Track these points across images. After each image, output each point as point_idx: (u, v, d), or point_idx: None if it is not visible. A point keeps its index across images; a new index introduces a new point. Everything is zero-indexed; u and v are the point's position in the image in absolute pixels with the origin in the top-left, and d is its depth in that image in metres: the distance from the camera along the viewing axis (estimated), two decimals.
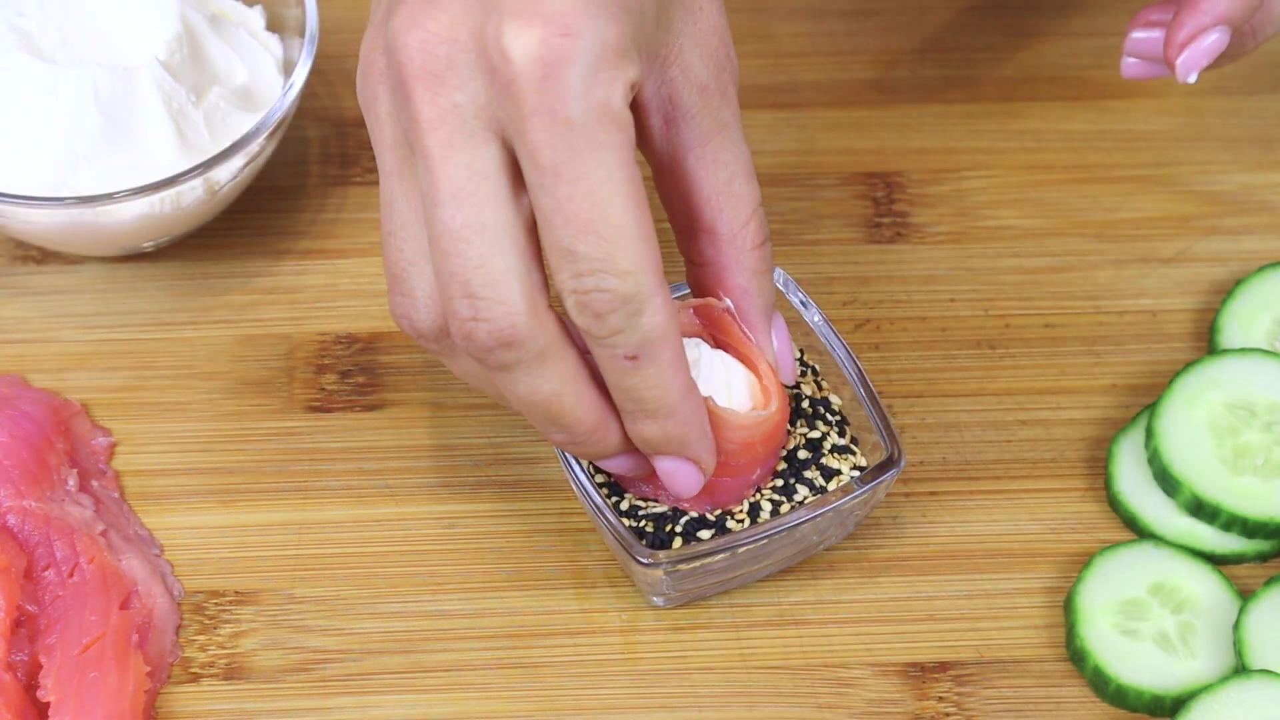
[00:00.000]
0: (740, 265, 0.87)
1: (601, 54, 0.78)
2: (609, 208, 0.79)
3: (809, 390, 0.93)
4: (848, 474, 0.91)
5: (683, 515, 0.90)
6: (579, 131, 0.78)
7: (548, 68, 0.78)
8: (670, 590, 0.91)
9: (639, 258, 0.79)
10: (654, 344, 0.81)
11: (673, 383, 0.83)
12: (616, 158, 0.79)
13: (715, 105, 0.85)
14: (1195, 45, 0.92)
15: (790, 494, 0.90)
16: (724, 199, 0.86)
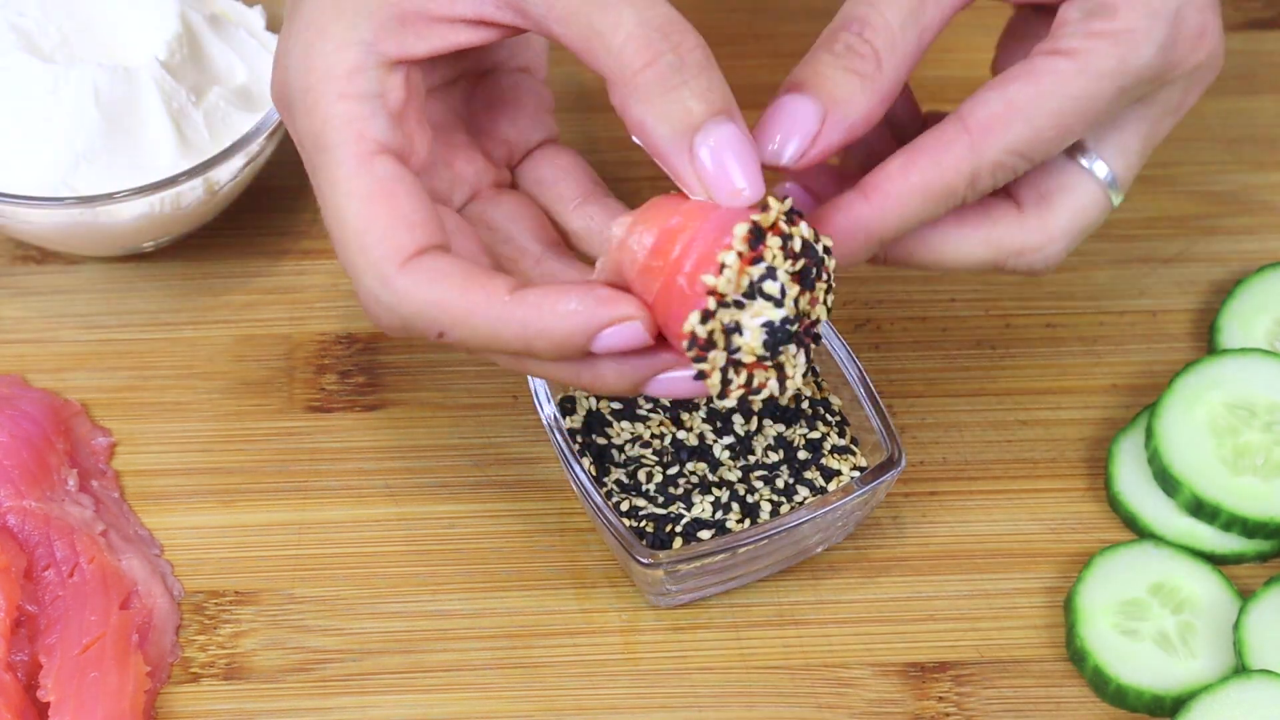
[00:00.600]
0: (630, 99, 0.79)
1: (307, 67, 0.81)
2: (337, 208, 0.80)
3: (809, 391, 0.93)
4: (848, 474, 0.91)
5: (683, 516, 0.90)
6: (307, 144, 0.82)
7: (280, 98, 0.83)
8: (670, 590, 0.91)
9: (372, 251, 0.80)
10: (436, 318, 0.79)
11: (484, 325, 0.78)
12: (336, 157, 0.80)
13: None
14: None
15: (790, 494, 0.90)
16: (595, 40, 0.79)
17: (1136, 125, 0.88)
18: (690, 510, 0.90)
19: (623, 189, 1.06)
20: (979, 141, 0.83)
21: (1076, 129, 0.84)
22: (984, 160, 0.83)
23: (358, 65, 0.81)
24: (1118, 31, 0.83)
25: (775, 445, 0.92)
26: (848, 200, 0.83)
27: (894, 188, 0.83)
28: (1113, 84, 0.84)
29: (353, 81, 0.81)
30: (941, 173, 0.83)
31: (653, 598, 0.92)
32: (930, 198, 0.83)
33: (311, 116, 0.81)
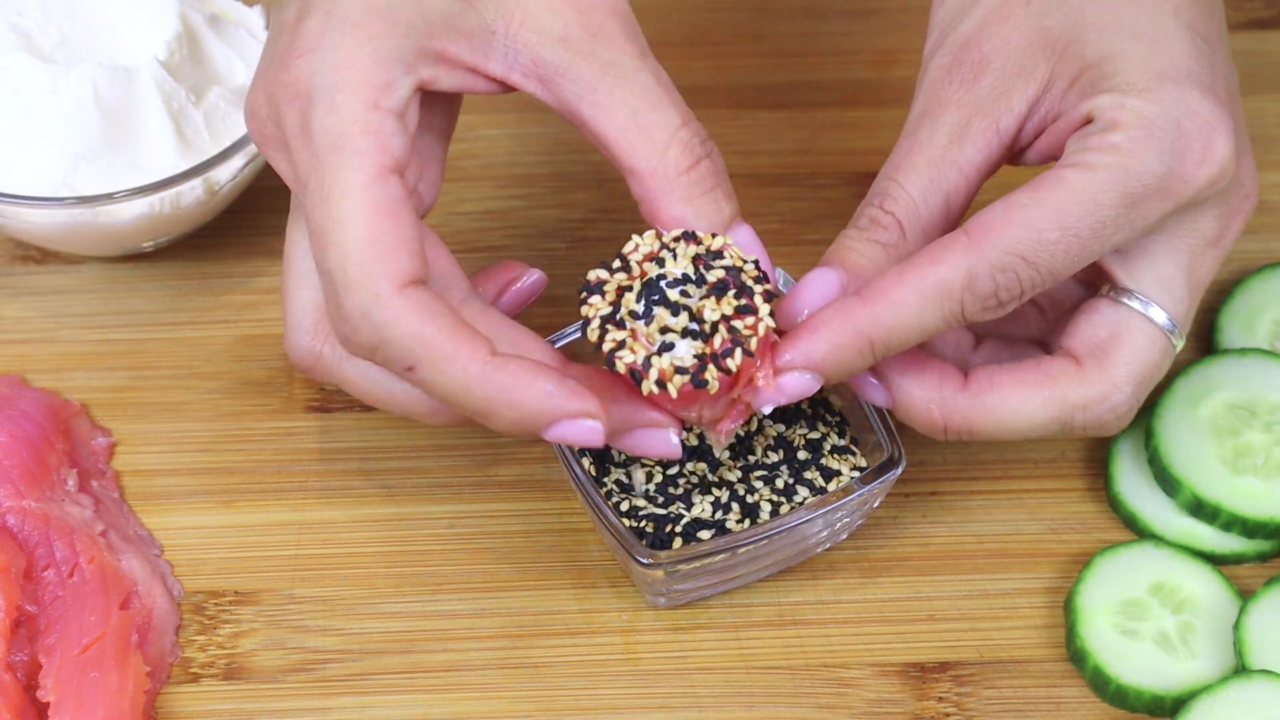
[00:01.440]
0: (670, 197, 0.84)
1: (338, 65, 0.80)
2: (339, 213, 0.80)
3: None
4: (847, 474, 0.91)
5: (683, 516, 0.90)
6: (321, 142, 0.80)
7: (294, 89, 0.81)
8: (670, 590, 0.91)
9: (370, 266, 0.79)
10: (414, 351, 0.80)
11: (457, 380, 0.80)
12: (353, 162, 0.80)
13: (588, 50, 0.83)
14: (782, 380, 0.84)
15: (790, 494, 0.90)
16: (632, 135, 0.83)
17: (1172, 257, 0.87)
18: (690, 510, 0.90)
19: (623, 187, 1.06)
20: (977, 240, 0.83)
21: (1083, 235, 0.83)
22: (981, 259, 0.82)
23: (393, 81, 0.81)
24: (1119, 142, 0.83)
25: (775, 445, 0.92)
26: (843, 302, 0.83)
27: (888, 286, 0.83)
28: (1115, 188, 0.83)
29: (387, 95, 0.81)
30: (936, 270, 0.82)
31: (653, 598, 0.92)
32: (925, 297, 0.82)
33: (336, 115, 0.80)
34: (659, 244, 0.84)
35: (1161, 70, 0.84)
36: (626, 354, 0.83)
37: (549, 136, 1.07)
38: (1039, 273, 0.83)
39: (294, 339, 0.86)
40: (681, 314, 0.83)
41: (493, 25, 0.83)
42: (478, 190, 1.06)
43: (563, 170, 1.06)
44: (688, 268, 0.83)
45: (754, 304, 0.83)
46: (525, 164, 1.06)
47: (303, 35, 0.82)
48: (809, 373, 0.83)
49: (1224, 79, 0.86)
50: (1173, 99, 0.84)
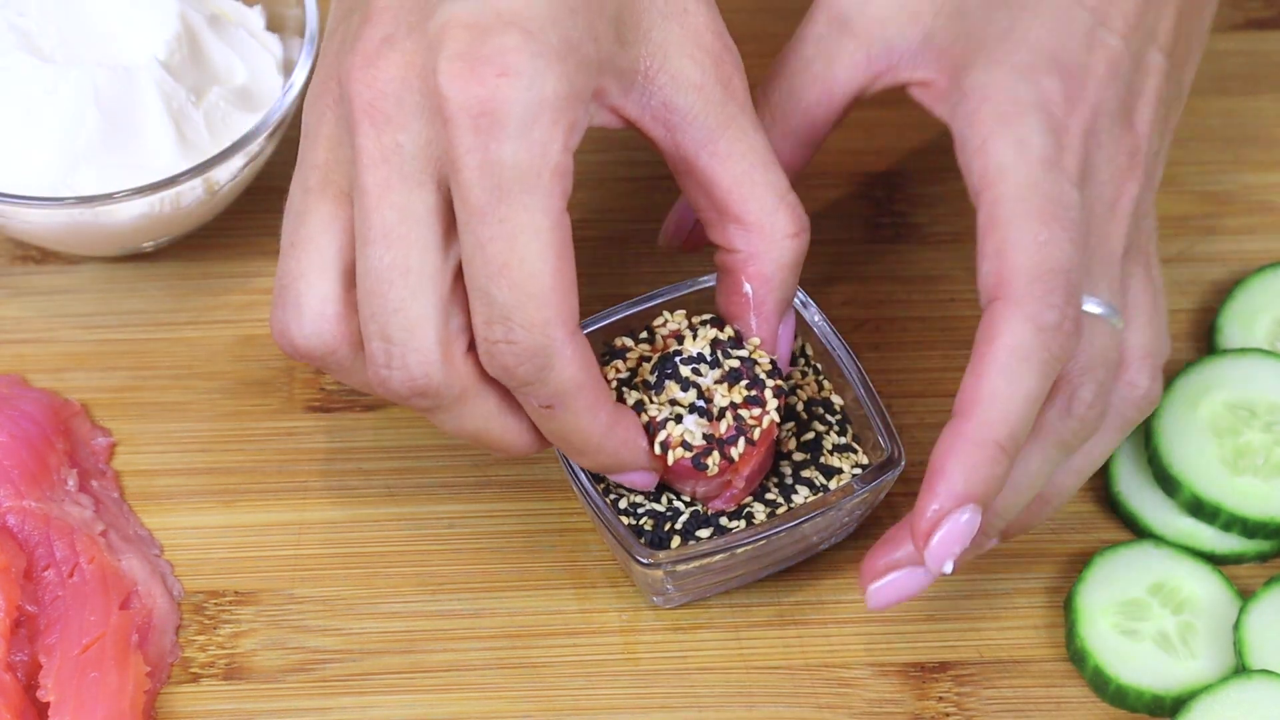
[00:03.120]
0: (769, 254, 0.86)
1: (541, 97, 0.79)
2: (527, 254, 0.79)
3: (810, 390, 0.93)
4: (849, 473, 0.91)
5: (682, 514, 0.90)
6: (509, 174, 0.79)
7: (484, 107, 0.79)
8: (670, 590, 0.91)
9: (549, 310, 0.80)
10: (566, 395, 0.82)
11: (591, 427, 0.83)
12: (544, 204, 0.79)
13: (717, 101, 0.84)
14: (943, 532, 0.82)
15: (790, 494, 0.90)
16: (746, 188, 0.85)
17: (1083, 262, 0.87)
18: (689, 508, 0.90)
19: (623, 187, 1.06)
20: (1006, 293, 0.82)
21: (1053, 207, 0.83)
22: (1022, 298, 0.82)
23: (578, 121, 0.80)
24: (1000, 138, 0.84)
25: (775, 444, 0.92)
26: (948, 429, 0.82)
27: (973, 388, 0.82)
28: (1027, 169, 0.84)
29: (573, 135, 0.80)
30: (999, 342, 0.82)
31: (652, 597, 0.92)
32: (1011, 371, 0.82)
33: (529, 149, 0.79)
34: (686, 323, 0.88)
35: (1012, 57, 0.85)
36: (651, 409, 0.86)
37: None
38: (1071, 270, 0.83)
39: (311, 329, 0.84)
40: (690, 390, 0.87)
41: (638, 66, 0.83)
42: None
43: None
44: (704, 348, 0.87)
45: (763, 396, 0.87)
46: None
47: (501, 51, 0.79)
48: (964, 509, 0.82)
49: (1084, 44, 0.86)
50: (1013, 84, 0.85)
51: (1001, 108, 0.85)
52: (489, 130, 0.79)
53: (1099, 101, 0.86)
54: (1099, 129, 0.86)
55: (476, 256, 0.80)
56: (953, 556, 0.82)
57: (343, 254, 0.83)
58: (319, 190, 0.84)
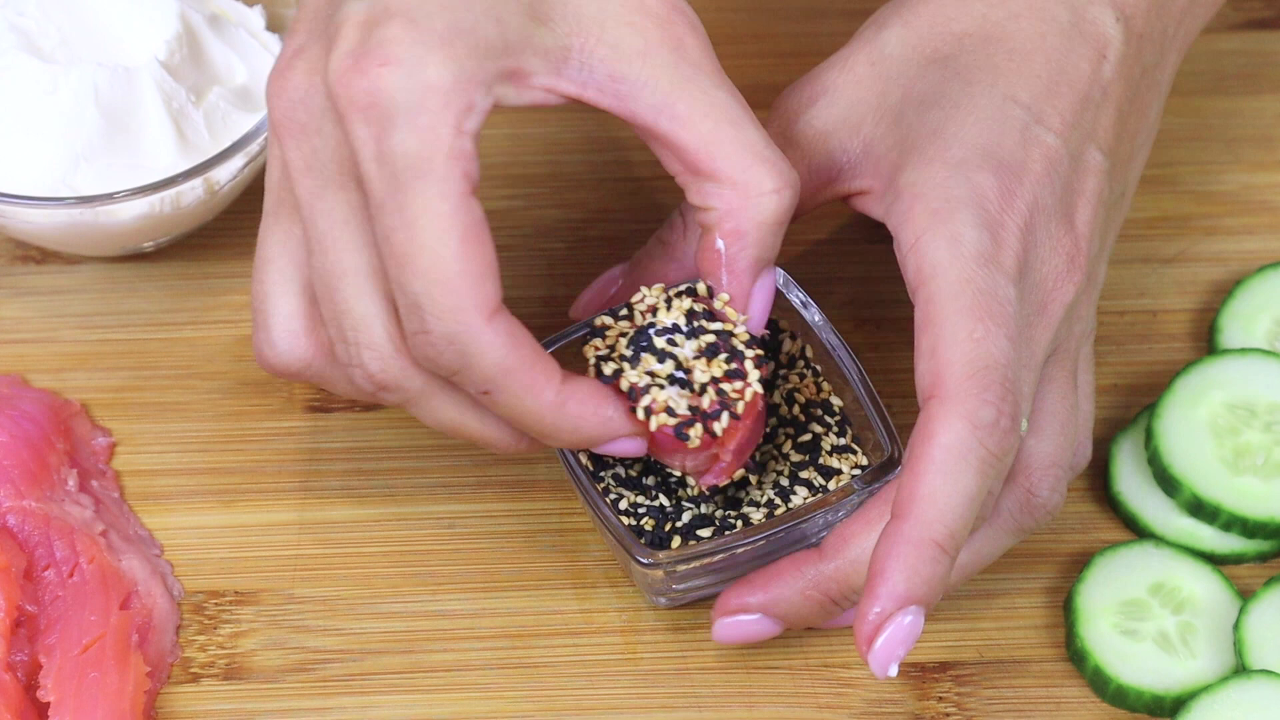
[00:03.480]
0: (744, 211, 0.84)
1: (425, 84, 0.79)
2: (427, 240, 0.79)
3: (809, 391, 0.93)
4: (848, 473, 0.91)
5: (683, 513, 0.90)
6: (401, 163, 0.79)
7: (369, 99, 0.79)
8: (670, 590, 0.91)
9: (458, 296, 0.79)
10: (495, 380, 0.81)
11: (535, 407, 0.82)
12: (440, 189, 0.79)
13: (667, 64, 0.83)
14: (886, 635, 0.81)
15: (788, 495, 0.90)
16: (714, 146, 0.83)
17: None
18: (690, 508, 0.90)
19: (623, 187, 1.06)
20: (942, 392, 0.83)
21: (980, 294, 0.84)
22: (960, 397, 0.82)
23: (474, 104, 0.80)
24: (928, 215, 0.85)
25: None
26: (890, 528, 0.82)
27: (914, 489, 0.82)
28: (958, 253, 0.84)
29: (469, 118, 0.80)
30: (935, 441, 0.82)
31: (653, 597, 0.92)
32: (950, 471, 0.82)
33: (418, 136, 0.79)
34: (663, 296, 0.87)
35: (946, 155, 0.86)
36: (630, 375, 0.85)
37: (548, 136, 1.07)
38: (1008, 367, 0.83)
39: (282, 346, 0.85)
40: (667, 361, 0.85)
41: (568, 43, 0.82)
42: None
43: (562, 170, 1.06)
44: (678, 318, 0.86)
45: (744, 368, 0.85)
46: (524, 164, 1.06)
47: (382, 42, 0.79)
48: (907, 611, 0.82)
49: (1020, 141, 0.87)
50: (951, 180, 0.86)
51: (934, 204, 0.85)
52: (378, 122, 0.79)
53: (1035, 199, 0.86)
54: (1036, 226, 0.86)
55: (385, 249, 0.80)
56: (897, 660, 0.82)
57: (301, 269, 0.84)
58: (274, 210, 0.85)
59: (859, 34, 0.92)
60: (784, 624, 0.88)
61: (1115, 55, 0.89)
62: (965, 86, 0.88)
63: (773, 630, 0.88)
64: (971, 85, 0.88)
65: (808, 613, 0.87)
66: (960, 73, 0.88)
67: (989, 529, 0.87)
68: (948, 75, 0.88)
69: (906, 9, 0.91)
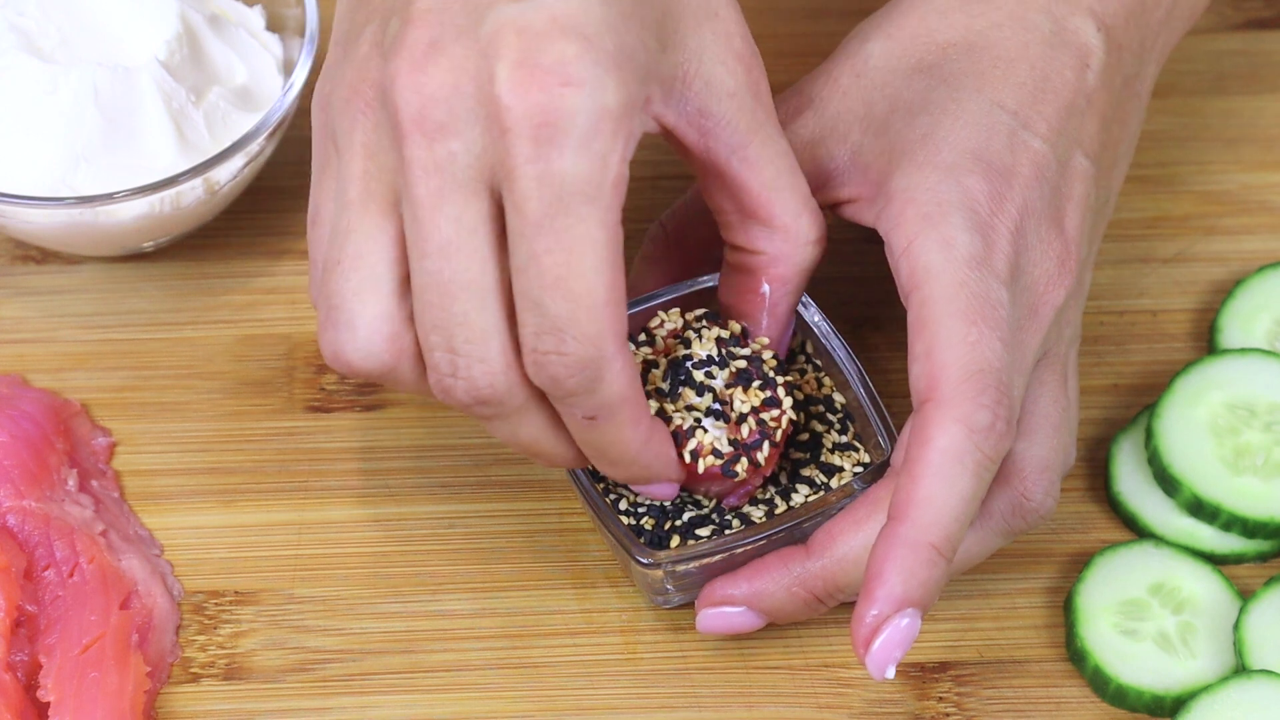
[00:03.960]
0: (792, 258, 0.86)
1: (603, 108, 0.77)
2: (584, 266, 0.78)
3: (810, 389, 0.93)
4: (849, 471, 0.91)
5: (683, 512, 0.90)
6: (570, 186, 0.77)
7: (545, 117, 0.77)
8: (670, 590, 0.91)
9: (603, 323, 0.78)
10: (613, 408, 0.81)
11: (631, 439, 0.83)
12: (602, 217, 0.78)
13: (749, 108, 0.84)
14: (883, 637, 0.82)
15: (789, 494, 0.90)
16: (774, 193, 0.85)
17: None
18: (690, 507, 0.90)
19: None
20: (938, 397, 0.83)
21: (973, 295, 0.85)
22: (957, 401, 0.83)
23: (635, 132, 0.79)
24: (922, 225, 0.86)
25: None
26: (885, 532, 0.83)
27: (911, 491, 0.83)
28: (951, 258, 0.85)
29: (630, 145, 0.79)
30: (933, 445, 0.83)
31: (652, 597, 0.92)
32: (946, 474, 0.83)
33: (590, 161, 0.77)
34: (683, 322, 0.88)
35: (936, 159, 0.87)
36: (677, 418, 0.86)
37: None
38: (1002, 370, 0.84)
39: (370, 347, 0.81)
40: (705, 395, 0.87)
41: (678, 72, 0.82)
42: None
43: None
44: (712, 350, 0.87)
45: (778, 396, 0.87)
46: None
47: (563, 60, 0.77)
48: (904, 614, 0.82)
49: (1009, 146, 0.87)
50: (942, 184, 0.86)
51: (925, 208, 0.85)
52: (550, 141, 0.77)
53: (1025, 202, 0.86)
54: (1027, 230, 0.86)
55: (531, 268, 0.78)
56: (894, 662, 0.82)
57: (394, 268, 0.81)
58: (360, 203, 0.81)
59: (842, 47, 0.92)
60: (768, 618, 0.88)
61: (1097, 64, 0.89)
62: (952, 93, 0.88)
63: (756, 623, 0.88)
64: (958, 91, 0.88)
65: (792, 609, 0.87)
66: (946, 80, 0.89)
67: (978, 530, 0.87)
68: (933, 83, 0.89)
69: (888, 22, 0.91)
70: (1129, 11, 0.91)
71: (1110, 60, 0.90)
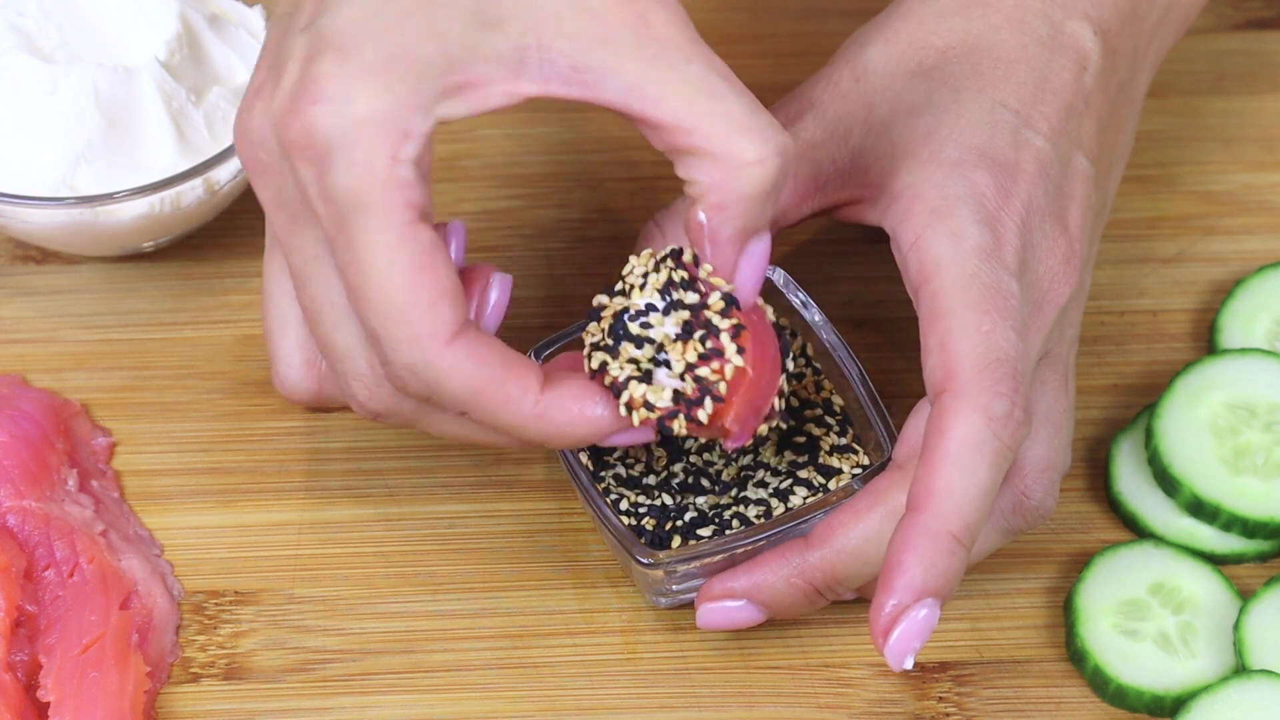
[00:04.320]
0: (726, 184, 0.81)
1: (355, 118, 0.78)
2: (375, 274, 0.79)
3: (809, 391, 0.93)
4: (848, 473, 0.91)
5: (684, 512, 0.90)
6: (342, 199, 0.79)
7: (307, 139, 0.79)
8: (671, 590, 0.91)
9: (412, 325, 0.79)
10: (468, 402, 0.80)
11: (516, 419, 0.81)
12: (381, 222, 0.79)
13: (631, 45, 0.80)
14: (902, 628, 0.82)
15: (787, 496, 0.90)
16: (690, 121, 0.81)
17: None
18: (690, 507, 0.90)
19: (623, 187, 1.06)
20: (954, 385, 0.83)
21: (984, 284, 0.85)
22: (975, 390, 0.83)
23: (411, 130, 0.79)
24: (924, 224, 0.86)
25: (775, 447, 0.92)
26: (905, 521, 0.83)
27: (932, 482, 0.82)
28: (960, 250, 0.85)
29: (406, 145, 0.79)
30: (951, 435, 0.82)
31: (653, 597, 0.92)
32: (965, 464, 0.82)
33: (355, 173, 0.78)
34: (650, 264, 0.85)
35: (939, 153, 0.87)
36: (614, 367, 0.83)
37: (548, 136, 1.07)
38: (1017, 359, 0.83)
39: (290, 382, 0.87)
40: (645, 346, 0.83)
41: (524, 42, 0.80)
42: (477, 190, 1.06)
43: (562, 170, 1.06)
44: (652, 297, 0.84)
45: (720, 345, 0.83)
46: (524, 164, 1.06)
47: (316, 79, 0.79)
48: (923, 604, 0.82)
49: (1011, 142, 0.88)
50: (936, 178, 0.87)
51: (932, 203, 0.85)
52: (316, 161, 0.79)
53: (1030, 198, 0.86)
54: (1032, 226, 0.86)
55: (344, 284, 0.81)
56: (913, 652, 0.82)
57: (295, 304, 0.86)
58: (269, 248, 0.86)
59: (841, 52, 0.92)
60: (768, 611, 0.88)
61: (1094, 68, 0.89)
62: (953, 93, 0.88)
63: (756, 617, 0.88)
64: (959, 91, 0.88)
65: (792, 601, 0.87)
66: (947, 81, 0.89)
67: (983, 533, 0.87)
68: (934, 84, 0.89)
69: (886, 27, 0.91)
70: (1123, 17, 0.91)
71: (1106, 64, 0.90)
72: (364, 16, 0.79)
